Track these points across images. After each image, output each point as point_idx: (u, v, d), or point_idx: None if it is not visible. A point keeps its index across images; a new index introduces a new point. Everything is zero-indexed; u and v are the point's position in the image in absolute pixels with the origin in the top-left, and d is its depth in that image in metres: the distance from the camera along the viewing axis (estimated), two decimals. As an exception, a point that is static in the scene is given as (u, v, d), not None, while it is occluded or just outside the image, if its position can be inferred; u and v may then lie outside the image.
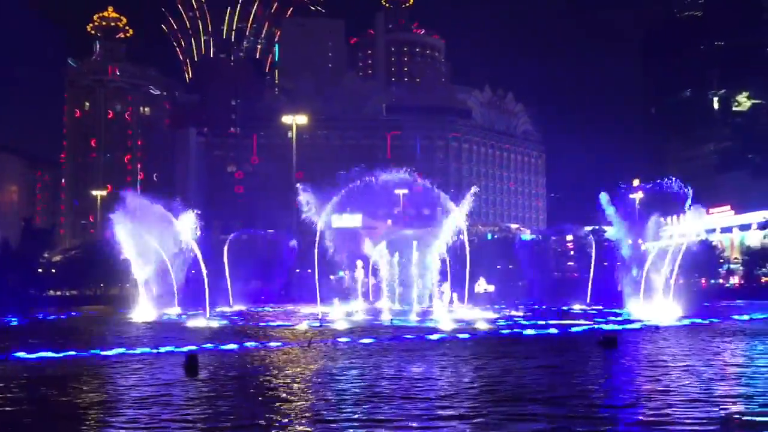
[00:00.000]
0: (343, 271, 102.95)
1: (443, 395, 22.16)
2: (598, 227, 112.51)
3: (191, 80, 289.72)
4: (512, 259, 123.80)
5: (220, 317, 67.33)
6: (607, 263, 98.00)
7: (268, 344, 40.75)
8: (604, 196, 74.43)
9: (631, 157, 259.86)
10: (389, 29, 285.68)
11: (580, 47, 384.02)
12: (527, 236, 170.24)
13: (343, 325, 55.71)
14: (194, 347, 36.80)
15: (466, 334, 46.01)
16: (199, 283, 67.43)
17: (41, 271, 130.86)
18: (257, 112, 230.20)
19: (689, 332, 46.98)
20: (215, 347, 38.60)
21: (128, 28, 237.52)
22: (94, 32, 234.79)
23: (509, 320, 60.82)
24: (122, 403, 21.80)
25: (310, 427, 18.18)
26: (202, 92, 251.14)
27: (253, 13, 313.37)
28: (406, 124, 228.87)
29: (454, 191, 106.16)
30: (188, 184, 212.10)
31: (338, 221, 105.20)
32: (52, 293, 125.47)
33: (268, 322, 62.93)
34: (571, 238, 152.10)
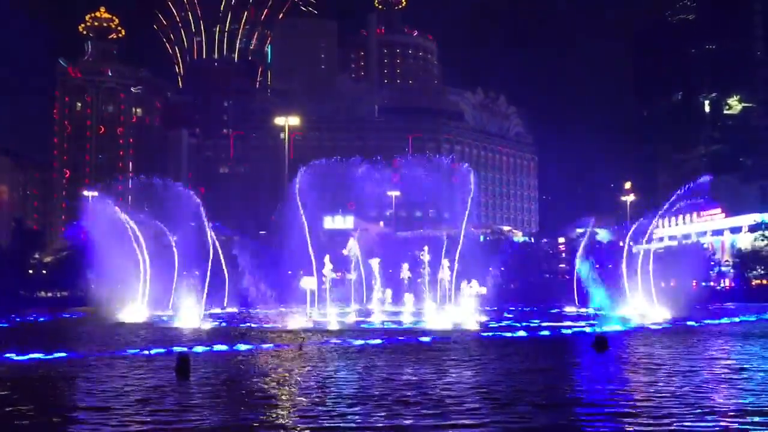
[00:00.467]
0: (335, 273, 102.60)
1: (437, 399, 22.05)
2: (589, 229, 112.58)
3: (183, 81, 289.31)
4: (504, 261, 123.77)
5: (211, 318, 67.13)
6: (598, 266, 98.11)
7: (260, 346, 40.61)
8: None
9: (622, 160, 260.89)
10: (382, 31, 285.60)
11: (572, 50, 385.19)
12: (519, 238, 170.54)
13: (334, 326, 55.59)
14: (185, 349, 36.62)
15: (456, 336, 46.07)
16: (192, 284, 67.25)
17: (32, 272, 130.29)
18: (249, 113, 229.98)
19: (679, 334, 47.17)
20: (207, 349, 38.44)
21: (120, 28, 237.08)
22: (86, 32, 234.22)
23: (501, 322, 60.85)
24: (111, 407, 21.60)
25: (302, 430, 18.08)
26: (194, 93, 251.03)
27: (245, 14, 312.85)
28: (398, 125, 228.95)
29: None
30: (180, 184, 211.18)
31: (330, 223, 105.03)
32: (42, 294, 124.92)
33: (260, 323, 62.76)
34: (563, 240, 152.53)
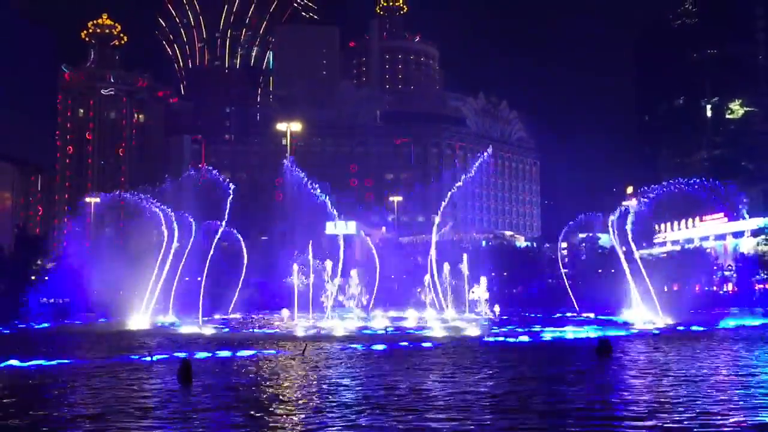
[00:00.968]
0: (337, 278, 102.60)
1: (442, 406, 21.96)
2: (591, 234, 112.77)
3: (185, 87, 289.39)
4: (507, 266, 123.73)
5: (214, 324, 67.02)
6: (601, 270, 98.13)
7: (262, 351, 40.57)
8: None
9: (624, 164, 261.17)
10: (383, 37, 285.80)
11: (573, 55, 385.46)
12: (522, 243, 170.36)
13: (338, 332, 55.54)
14: (187, 354, 36.57)
15: (460, 341, 45.94)
16: (193, 291, 67.21)
17: (34, 278, 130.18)
18: (251, 119, 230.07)
19: (681, 339, 46.94)
20: (211, 355, 38.40)
21: (122, 35, 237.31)
22: (88, 39, 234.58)
23: (504, 327, 60.68)
24: (115, 414, 21.54)
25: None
26: (196, 99, 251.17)
27: (247, 20, 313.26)
28: (399, 131, 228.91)
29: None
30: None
31: (332, 228, 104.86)
32: (44, 300, 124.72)
33: (263, 329, 62.65)
34: (565, 245, 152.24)
